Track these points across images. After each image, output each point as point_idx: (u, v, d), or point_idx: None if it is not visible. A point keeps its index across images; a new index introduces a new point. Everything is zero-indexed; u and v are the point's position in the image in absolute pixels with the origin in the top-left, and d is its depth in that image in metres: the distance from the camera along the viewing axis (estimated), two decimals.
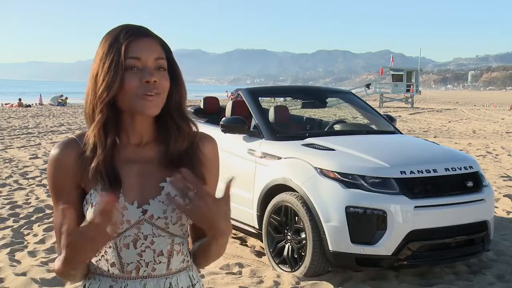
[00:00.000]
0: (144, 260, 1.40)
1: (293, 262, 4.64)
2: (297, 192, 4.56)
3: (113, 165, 1.39)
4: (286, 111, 6.17)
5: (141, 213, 1.39)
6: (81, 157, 1.39)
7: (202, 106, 6.90)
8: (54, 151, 1.42)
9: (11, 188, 8.07)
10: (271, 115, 5.71)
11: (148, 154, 1.44)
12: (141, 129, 1.43)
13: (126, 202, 1.38)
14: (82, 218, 1.41)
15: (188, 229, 1.50)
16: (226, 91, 52.94)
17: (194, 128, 1.48)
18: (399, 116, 27.82)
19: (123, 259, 1.40)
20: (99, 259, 1.42)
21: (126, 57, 1.36)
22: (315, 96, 6.79)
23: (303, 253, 4.53)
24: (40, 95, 40.13)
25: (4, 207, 6.85)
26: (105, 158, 1.38)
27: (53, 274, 4.46)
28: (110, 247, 1.40)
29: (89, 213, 1.38)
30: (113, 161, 1.39)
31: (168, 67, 1.42)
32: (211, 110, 6.82)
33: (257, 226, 5.06)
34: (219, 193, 1.38)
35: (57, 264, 1.36)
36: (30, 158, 11.02)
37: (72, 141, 1.43)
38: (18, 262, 4.87)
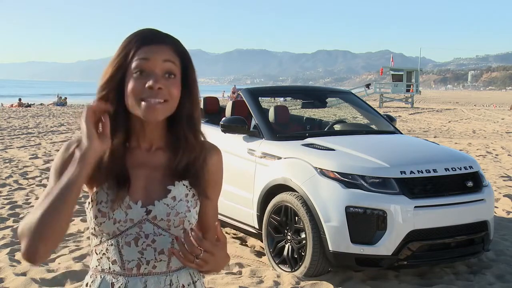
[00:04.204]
0: (145, 258, 1.43)
1: (293, 262, 4.64)
2: (297, 192, 4.56)
3: (123, 166, 1.42)
4: (286, 111, 6.17)
5: (144, 212, 1.42)
6: None
7: (202, 106, 6.90)
8: (73, 138, 1.48)
9: (11, 188, 8.07)
10: (271, 115, 5.71)
11: (157, 160, 1.47)
12: (151, 135, 1.46)
13: (131, 201, 1.41)
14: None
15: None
16: (223, 91, 52.83)
17: (201, 138, 1.49)
18: (399, 116, 27.82)
19: (124, 256, 1.42)
20: (101, 257, 1.45)
21: (134, 58, 1.38)
22: (315, 96, 6.79)
23: (303, 253, 4.53)
24: (60, 96, 37.28)
25: (4, 207, 6.85)
26: (115, 158, 1.41)
27: (53, 274, 4.46)
28: (112, 245, 1.42)
29: (94, 211, 1.41)
30: (123, 162, 1.43)
31: (184, 73, 1.43)
32: (211, 110, 6.83)
33: (257, 226, 5.06)
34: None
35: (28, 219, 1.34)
36: (30, 158, 11.01)
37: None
38: (18, 262, 4.87)
